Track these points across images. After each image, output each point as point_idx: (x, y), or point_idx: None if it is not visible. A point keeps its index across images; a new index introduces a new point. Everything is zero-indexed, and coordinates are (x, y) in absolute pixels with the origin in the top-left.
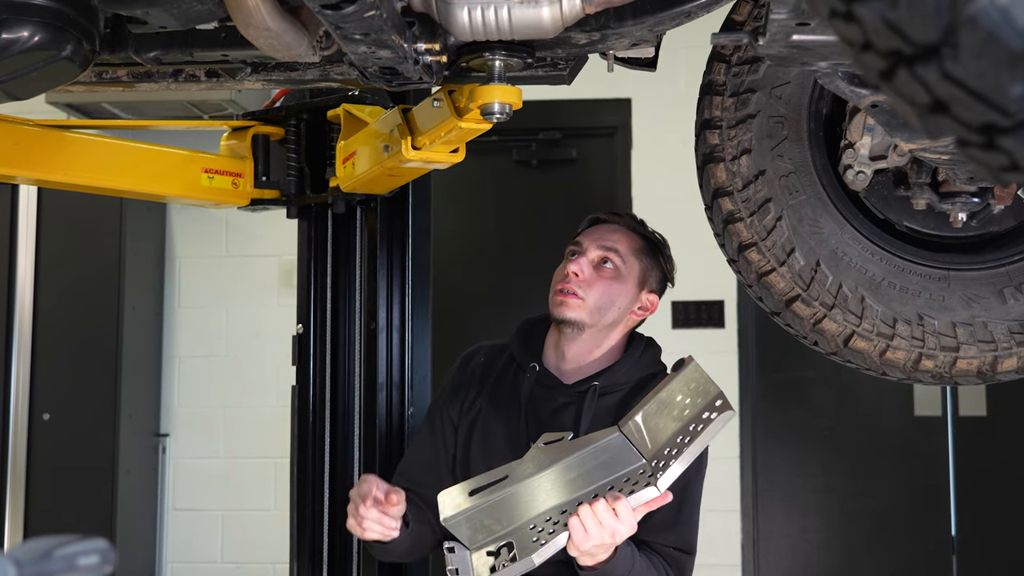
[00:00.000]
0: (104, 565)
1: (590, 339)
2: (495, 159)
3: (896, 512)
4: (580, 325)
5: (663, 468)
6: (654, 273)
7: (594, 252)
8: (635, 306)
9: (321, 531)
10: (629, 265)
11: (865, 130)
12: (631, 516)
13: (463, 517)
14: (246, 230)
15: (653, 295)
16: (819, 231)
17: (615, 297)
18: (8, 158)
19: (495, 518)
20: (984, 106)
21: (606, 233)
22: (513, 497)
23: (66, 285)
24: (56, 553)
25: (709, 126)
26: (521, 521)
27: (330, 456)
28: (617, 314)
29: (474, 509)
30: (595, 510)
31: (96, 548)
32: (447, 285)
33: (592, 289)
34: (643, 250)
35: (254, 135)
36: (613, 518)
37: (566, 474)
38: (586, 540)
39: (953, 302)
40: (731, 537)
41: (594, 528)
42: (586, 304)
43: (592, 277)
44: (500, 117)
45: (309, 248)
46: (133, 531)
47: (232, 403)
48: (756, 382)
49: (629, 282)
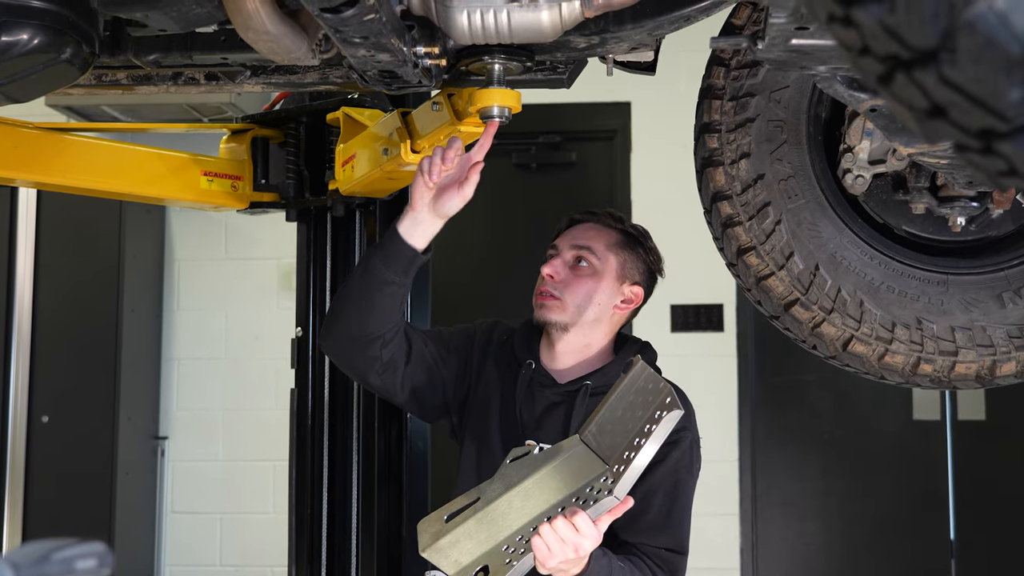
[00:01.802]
0: (101, 568)
1: (576, 337)
2: (494, 162)
3: (895, 516)
4: (562, 325)
5: (621, 474)
6: (634, 265)
7: (569, 252)
8: (617, 300)
9: (320, 534)
10: (605, 261)
11: (864, 134)
12: (592, 528)
13: (441, 546)
14: (245, 233)
15: (636, 287)
16: (818, 235)
17: (592, 294)
18: (7, 161)
19: (472, 542)
20: (982, 111)
21: (580, 232)
22: (486, 519)
23: (65, 287)
24: (54, 556)
25: (708, 130)
26: (496, 542)
27: (329, 459)
28: (598, 310)
29: (450, 536)
30: (555, 527)
31: (93, 551)
32: (446, 289)
33: (568, 289)
34: (620, 244)
35: (253, 138)
36: (574, 533)
37: (535, 489)
38: (550, 558)
39: (952, 306)
40: (730, 541)
41: (556, 545)
42: (564, 304)
43: (568, 277)
44: (499, 120)
45: (308, 251)
46: (132, 534)
47: (231, 406)
48: (755, 386)
49: (607, 277)
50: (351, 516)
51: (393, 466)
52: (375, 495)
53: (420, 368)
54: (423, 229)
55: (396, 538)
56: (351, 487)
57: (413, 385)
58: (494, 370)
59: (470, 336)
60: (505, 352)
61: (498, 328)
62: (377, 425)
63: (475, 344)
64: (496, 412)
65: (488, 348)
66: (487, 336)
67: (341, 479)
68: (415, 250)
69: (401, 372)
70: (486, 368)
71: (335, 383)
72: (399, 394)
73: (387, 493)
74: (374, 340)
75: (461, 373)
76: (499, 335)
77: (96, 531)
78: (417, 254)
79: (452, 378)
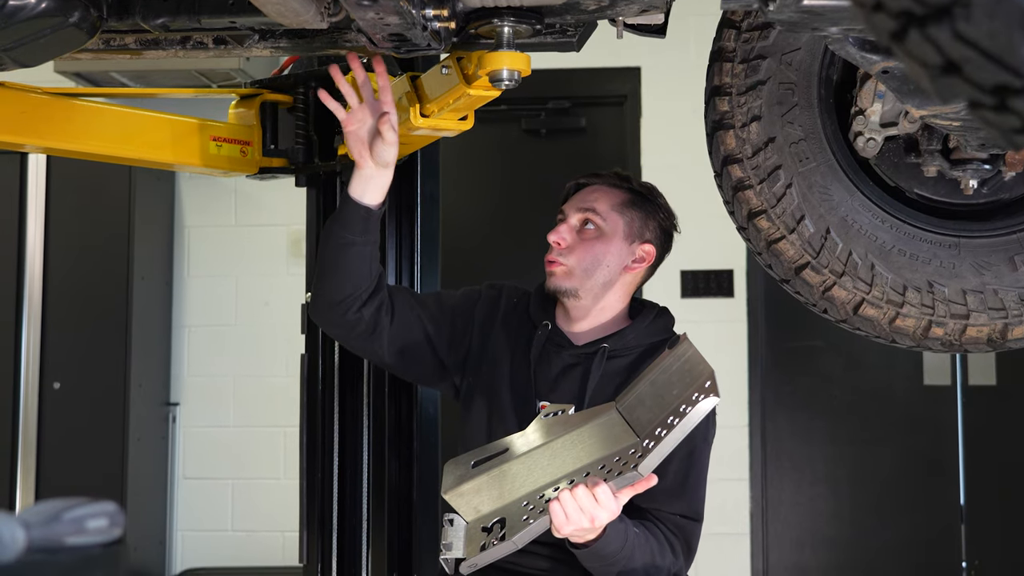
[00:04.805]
0: (113, 528)
1: (589, 301)
2: (504, 128)
3: (905, 481)
4: (572, 291)
5: (649, 450)
6: (644, 223)
7: (574, 217)
8: (628, 260)
9: (331, 499)
10: (611, 221)
11: (876, 97)
12: (612, 501)
13: (463, 491)
14: (255, 199)
15: (648, 245)
16: (829, 198)
17: (600, 256)
18: (16, 126)
19: (494, 492)
20: (996, 67)
21: (586, 195)
22: (511, 471)
23: (75, 255)
24: (65, 515)
25: (719, 93)
26: (516, 496)
27: (339, 424)
28: (608, 272)
29: (473, 483)
30: (575, 495)
31: (105, 511)
32: (456, 254)
33: (574, 253)
34: (626, 203)
35: (262, 103)
36: (593, 503)
37: (563, 450)
38: (566, 524)
39: (963, 269)
40: (740, 505)
41: (574, 513)
42: (572, 270)
43: (575, 242)
44: (509, 84)
45: (318, 216)
46: (143, 499)
47: (242, 372)
48: (765, 351)
49: (615, 238)
50: (362, 480)
51: (403, 430)
52: (385, 459)
53: (405, 328)
54: (373, 184)
55: (407, 501)
56: (361, 451)
57: (400, 346)
58: (504, 331)
59: (473, 297)
60: (518, 313)
61: (508, 288)
62: (388, 389)
63: (480, 304)
64: (507, 373)
65: (496, 308)
66: (495, 297)
67: (352, 444)
68: (367, 207)
69: (386, 334)
70: (495, 329)
71: (345, 348)
72: (386, 355)
73: (397, 457)
74: (351, 301)
75: (460, 332)
76: (509, 295)
77: (108, 497)
78: (370, 210)
79: (448, 337)
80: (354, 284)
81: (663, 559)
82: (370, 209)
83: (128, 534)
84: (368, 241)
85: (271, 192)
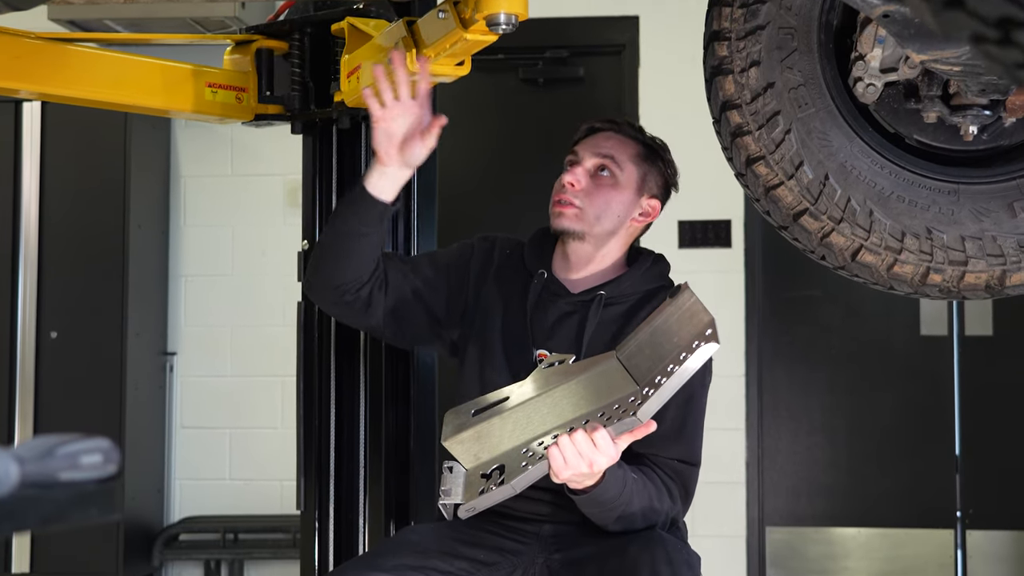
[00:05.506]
0: (107, 464)
1: (592, 247)
2: (501, 77)
3: (901, 431)
4: (579, 234)
5: (648, 397)
6: (654, 178)
7: (590, 161)
8: (635, 212)
9: (328, 448)
10: (627, 172)
11: (876, 41)
12: (611, 446)
13: (463, 439)
14: (251, 149)
15: (654, 200)
16: (828, 144)
17: (613, 205)
18: (10, 71)
19: (493, 440)
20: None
21: (602, 141)
22: (511, 419)
23: (71, 203)
24: (58, 451)
25: (718, 37)
26: (515, 444)
27: (336, 373)
28: (616, 221)
29: (472, 431)
30: (574, 440)
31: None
32: (452, 203)
33: (589, 198)
34: (641, 155)
35: (257, 49)
36: (591, 448)
37: (563, 398)
38: (565, 469)
39: (962, 216)
40: (736, 455)
41: (573, 458)
42: (584, 213)
43: (589, 186)
44: (506, 28)
45: (314, 164)
46: (141, 449)
47: (239, 322)
48: (763, 301)
49: (627, 189)
50: (359, 430)
51: (400, 378)
52: (382, 407)
53: (400, 299)
54: (390, 180)
55: (404, 451)
56: (358, 400)
57: (396, 316)
58: (497, 282)
59: (466, 251)
60: (512, 263)
61: (501, 240)
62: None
63: (475, 257)
64: (501, 322)
65: (490, 260)
66: (488, 249)
67: (349, 392)
68: (384, 203)
69: (381, 307)
70: (488, 280)
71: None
72: (382, 326)
73: (394, 405)
74: (352, 284)
75: (457, 288)
76: (503, 247)
77: None
78: (387, 206)
79: (445, 297)
80: (359, 270)
81: (661, 503)
82: (387, 206)
83: (126, 483)
84: (382, 230)
85: (267, 142)
